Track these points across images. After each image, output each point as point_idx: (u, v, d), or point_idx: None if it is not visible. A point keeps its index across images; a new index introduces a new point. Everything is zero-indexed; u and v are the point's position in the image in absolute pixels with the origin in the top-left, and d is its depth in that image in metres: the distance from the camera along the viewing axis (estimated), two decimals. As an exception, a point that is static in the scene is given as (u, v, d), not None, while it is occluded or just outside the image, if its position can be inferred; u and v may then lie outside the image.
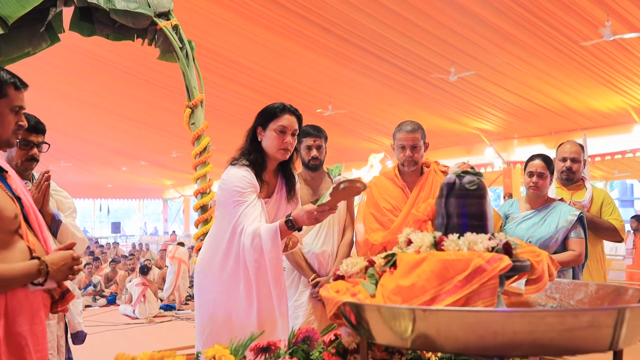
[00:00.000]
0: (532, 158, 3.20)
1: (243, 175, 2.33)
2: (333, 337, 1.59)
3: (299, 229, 2.23)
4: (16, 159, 2.51)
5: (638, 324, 1.13)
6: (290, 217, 2.19)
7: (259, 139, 2.44)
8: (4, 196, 1.67)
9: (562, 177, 3.52)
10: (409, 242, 1.32)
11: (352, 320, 1.28)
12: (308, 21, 8.81)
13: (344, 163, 17.30)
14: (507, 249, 1.23)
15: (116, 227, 28.57)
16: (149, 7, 3.56)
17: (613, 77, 9.51)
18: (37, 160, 2.57)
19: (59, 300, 1.79)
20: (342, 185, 2.01)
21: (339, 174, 3.36)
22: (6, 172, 1.76)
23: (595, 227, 3.35)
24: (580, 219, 3.02)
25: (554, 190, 3.46)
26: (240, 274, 2.26)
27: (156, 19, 3.58)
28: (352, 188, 2.04)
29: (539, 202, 3.15)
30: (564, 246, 3.03)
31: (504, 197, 13.56)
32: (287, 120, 2.42)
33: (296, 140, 2.46)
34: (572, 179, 3.51)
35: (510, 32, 8.46)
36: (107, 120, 15.82)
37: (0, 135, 1.73)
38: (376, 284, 1.31)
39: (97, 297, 10.51)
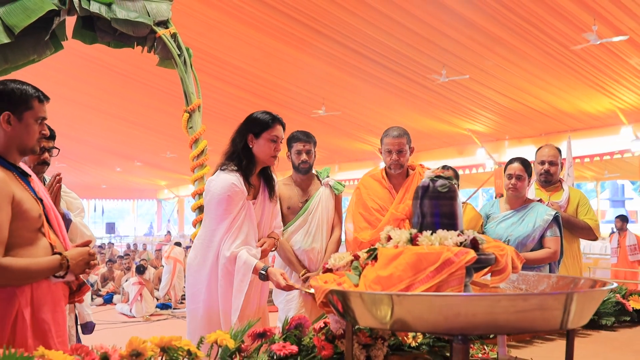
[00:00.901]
0: (511, 161, 3.39)
1: (232, 183, 2.54)
2: (322, 325, 1.76)
3: (265, 279, 2.52)
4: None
5: (585, 308, 1.30)
6: (266, 272, 2.49)
7: (250, 146, 2.63)
8: (29, 198, 1.86)
9: (541, 179, 3.71)
10: (389, 238, 1.49)
11: (339, 307, 1.44)
12: (302, 24, 8.98)
13: (338, 163, 17.41)
14: (474, 244, 1.40)
15: (110, 228, 28.53)
16: (149, 16, 3.72)
17: (601, 80, 9.71)
18: (48, 164, 2.73)
19: (76, 291, 2.00)
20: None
21: (327, 176, 3.54)
22: (29, 176, 1.94)
23: (571, 226, 3.54)
24: (556, 219, 3.21)
25: (533, 191, 3.65)
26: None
27: (155, 28, 3.73)
28: None
29: (518, 202, 3.33)
30: (540, 244, 3.21)
31: (496, 198, 13.78)
32: (279, 130, 2.64)
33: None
34: (550, 181, 3.70)
35: (500, 36, 8.65)
36: (101, 121, 15.91)
37: (27, 143, 1.92)
38: (359, 276, 1.48)
39: (94, 296, 10.64)
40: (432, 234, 1.43)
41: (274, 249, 2.81)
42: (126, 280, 10.04)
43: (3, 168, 1.84)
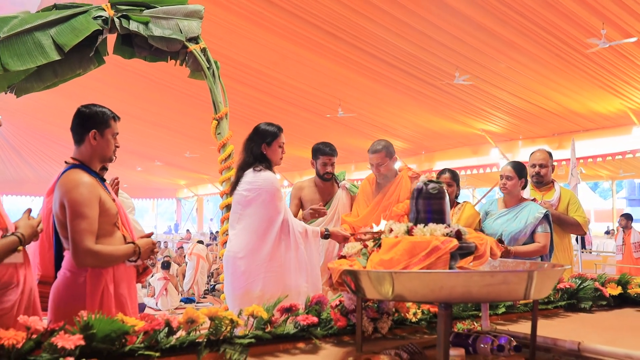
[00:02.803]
0: (505, 164, 3.76)
1: (276, 177, 3.18)
2: (338, 302, 2.14)
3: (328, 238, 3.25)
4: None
5: (544, 283, 1.66)
6: (328, 231, 3.24)
7: (264, 152, 3.20)
8: (107, 198, 2.32)
9: (533, 180, 4.07)
10: (391, 230, 1.86)
11: (351, 285, 1.81)
12: (319, 29, 9.32)
13: (354, 163, 17.66)
14: (458, 235, 1.77)
15: (131, 226, 28.94)
16: (181, 33, 4.11)
17: (611, 81, 9.92)
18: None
19: (141, 273, 2.48)
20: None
21: (344, 179, 4.02)
22: (105, 180, 2.36)
23: (562, 223, 3.89)
24: (546, 216, 3.57)
25: (528, 191, 4.00)
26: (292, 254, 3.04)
27: (187, 43, 4.12)
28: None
29: (512, 201, 3.71)
30: (532, 239, 3.57)
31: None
32: (283, 137, 3.25)
33: None
34: (542, 182, 4.06)
35: (511, 39, 8.91)
36: (122, 121, 16.40)
37: (106, 154, 2.42)
38: (367, 260, 1.85)
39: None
40: (424, 226, 1.80)
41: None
42: (152, 276, 10.49)
43: (89, 175, 2.31)
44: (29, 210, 2.20)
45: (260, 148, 3.18)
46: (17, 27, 3.62)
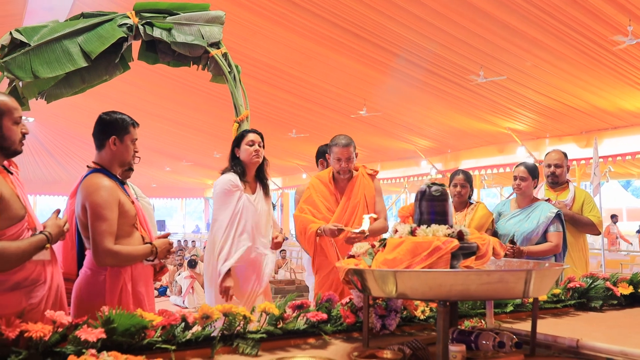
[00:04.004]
0: (518, 165, 3.79)
1: (229, 179, 3.33)
2: (348, 300, 2.22)
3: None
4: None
5: (542, 282, 1.71)
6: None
7: (237, 155, 3.43)
8: (127, 200, 2.45)
9: (548, 180, 4.09)
10: (396, 231, 1.94)
11: (357, 284, 1.89)
12: (342, 29, 9.39)
13: (380, 162, 17.65)
14: (460, 236, 1.83)
15: (161, 225, 29.49)
16: (203, 38, 4.23)
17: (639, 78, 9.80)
18: (132, 170, 3.27)
19: (158, 272, 2.60)
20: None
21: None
22: (125, 183, 2.48)
23: (576, 223, 3.90)
24: (558, 216, 3.59)
25: (543, 192, 4.03)
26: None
27: (209, 48, 4.24)
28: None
29: (525, 201, 3.74)
30: (545, 238, 3.59)
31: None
32: (252, 136, 3.41)
33: (263, 150, 3.43)
34: (557, 182, 4.07)
35: (536, 37, 8.85)
36: (152, 123, 16.69)
37: (125, 158, 2.54)
38: (372, 259, 1.93)
39: (149, 289, 11.36)
40: (427, 227, 1.86)
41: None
42: (179, 274, 10.70)
43: (109, 178, 2.43)
44: (57, 211, 2.33)
45: (232, 152, 3.48)
46: (46, 35, 3.78)
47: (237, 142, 3.45)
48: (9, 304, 1.96)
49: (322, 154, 4.23)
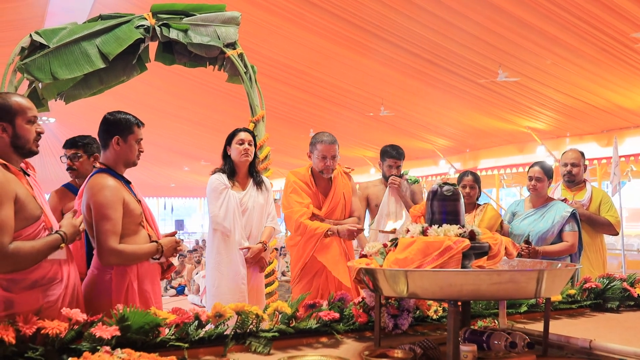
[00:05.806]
0: (532, 165, 3.76)
1: (216, 178, 3.49)
2: (360, 299, 2.22)
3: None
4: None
5: (554, 282, 1.70)
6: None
7: (229, 153, 3.52)
8: (132, 200, 2.47)
9: (565, 179, 4.04)
10: (408, 230, 1.93)
11: (369, 283, 1.90)
12: (360, 28, 9.37)
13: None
14: (471, 235, 1.82)
15: (179, 225, 29.70)
16: (219, 39, 4.26)
17: (664, 76, 9.64)
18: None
19: (166, 270, 2.62)
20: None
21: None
22: (130, 182, 2.52)
23: (593, 223, 3.85)
24: (573, 215, 3.55)
25: (559, 191, 3.98)
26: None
27: (225, 49, 4.27)
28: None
29: (539, 201, 3.71)
30: (560, 238, 3.55)
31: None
32: (242, 134, 3.49)
33: (254, 148, 3.54)
34: (574, 181, 4.02)
35: (555, 35, 8.74)
36: (170, 123, 16.83)
37: (130, 158, 2.56)
38: (384, 259, 1.93)
39: (168, 287, 11.47)
40: (438, 227, 1.86)
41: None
42: (196, 273, 10.78)
43: (114, 178, 2.46)
44: (75, 211, 2.37)
45: (225, 151, 3.59)
46: (65, 37, 3.85)
47: (229, 140, 3.54)
48: (26, 302, 1.99)
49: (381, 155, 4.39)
